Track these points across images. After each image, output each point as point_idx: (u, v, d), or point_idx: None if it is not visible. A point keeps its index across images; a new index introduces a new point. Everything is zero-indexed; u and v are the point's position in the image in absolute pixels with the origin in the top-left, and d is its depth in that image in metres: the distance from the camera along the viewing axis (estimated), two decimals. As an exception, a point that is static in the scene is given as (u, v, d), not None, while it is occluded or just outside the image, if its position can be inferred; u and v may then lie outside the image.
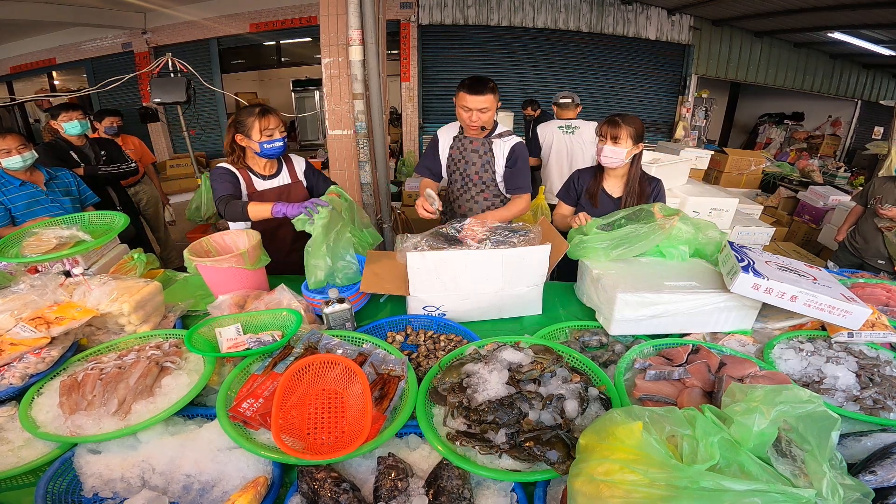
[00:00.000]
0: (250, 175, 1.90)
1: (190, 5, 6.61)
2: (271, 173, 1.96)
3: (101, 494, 0.90)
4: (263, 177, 1.93)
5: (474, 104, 1.90)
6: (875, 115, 7.67)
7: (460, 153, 2.12)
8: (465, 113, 1.94)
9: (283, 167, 2.00)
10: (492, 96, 1.90)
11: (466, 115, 1.94)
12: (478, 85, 1.88)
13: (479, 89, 1.88)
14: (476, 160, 2.09)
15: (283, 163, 2.01)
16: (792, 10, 5.68)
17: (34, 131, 8.14)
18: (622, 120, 1.83)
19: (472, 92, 1.89)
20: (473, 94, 1.88)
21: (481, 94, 1.88)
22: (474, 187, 2.15)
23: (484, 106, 1.90)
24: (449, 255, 1.42)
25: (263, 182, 1.93)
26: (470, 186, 2.16)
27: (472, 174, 2.12)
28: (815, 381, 1.20)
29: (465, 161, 2.12)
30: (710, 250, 1.63)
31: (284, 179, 1.99)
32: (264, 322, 1.36)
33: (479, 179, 2.12)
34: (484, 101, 1.89)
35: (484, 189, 2.15)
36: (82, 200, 2.41)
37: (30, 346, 1.13)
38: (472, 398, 1.01)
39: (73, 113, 2.83)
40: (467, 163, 2.11)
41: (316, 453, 0.90)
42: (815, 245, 4.72)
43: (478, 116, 1.93)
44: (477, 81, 1.89)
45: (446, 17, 6.59)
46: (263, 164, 1.93)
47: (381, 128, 3.18)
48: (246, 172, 1.90)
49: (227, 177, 1.85)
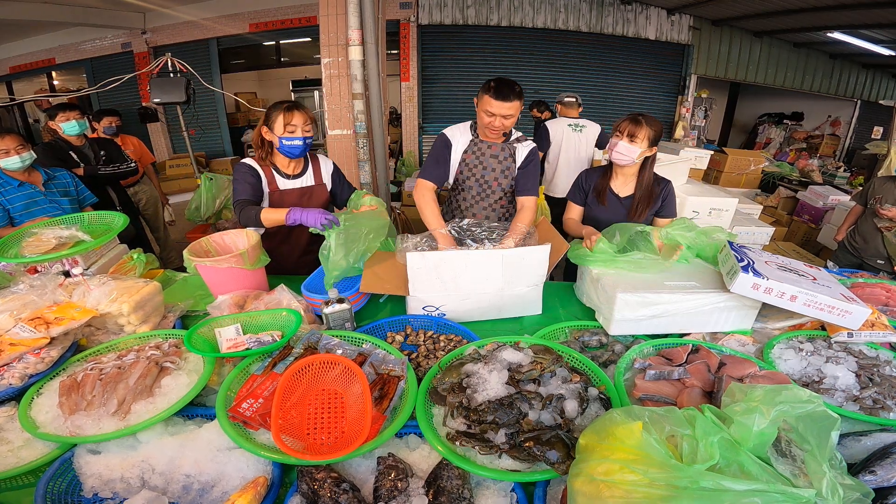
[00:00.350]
0: (274, 173, 1.87)
1: (190, 5, 6.61)
2: (296, 173, 1.91)
3: (100, 495, 0.90)
4: (287, 176, 1.89)
5: (499, 110, 1.76)
6: (874, 114, 7.68)
7: (477, 158, 1.97)
8: (488, 118, 1.80)
9: (308, 168, 1.95)
10: (518, 102, 1.78)
11: (489, 121, 1.81)
12: (505, 90, 1.74)
13: (507, 94, 1.74)
14: (496, 166, 1.96)
15: (310, 163, 1.96)
16: (792, 10, 5.68)
17: (34, 131, 8.14)
18: (644, 119, 1.78)
19: (498, 97, 1.74)
20: (500, 99, 1.74)
21: (508, 101, 1.75)
22: (493, 194, 2.03)
23: (510, 113, 1.78)
24: (449, 255, 1.43)
25: (287, 181, 1.89)
26: (488, 194, 2.03)
27: (491, 181, 1.99)
28: (815, 380, 1.20)
29: (482, 167, 1.97)
30: (710, 252, 1.62)
31: (308, 181, 1.94)
32: (264, 322, 1.36)
33: (499, 186, 2.00)
34: (510, 107, 1.76)
35: (502, 196, 2.04)
36: (80, 201, 2.40)
37: (29, 347, 1.13)
38: (471, 398, 1.01)
39: (71, 113, 2.82)
40: (485, 168, 1.97)
41: (316, 453, 0.90)
42: (815, 245, 4.72)
43: (501, 122, 1.80)
44: (504, 86, 1.74)
45: (446, 17, 6.59)
46: (288, 163, 1.89)
47: (380, 128, 3.18)
48: (270, 170, 1.86)
49: (249, 176, 1.81)
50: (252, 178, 1.82)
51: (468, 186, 2.04)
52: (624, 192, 1.97)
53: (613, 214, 1.96)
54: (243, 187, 1.79)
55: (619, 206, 1.96)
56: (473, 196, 2.05)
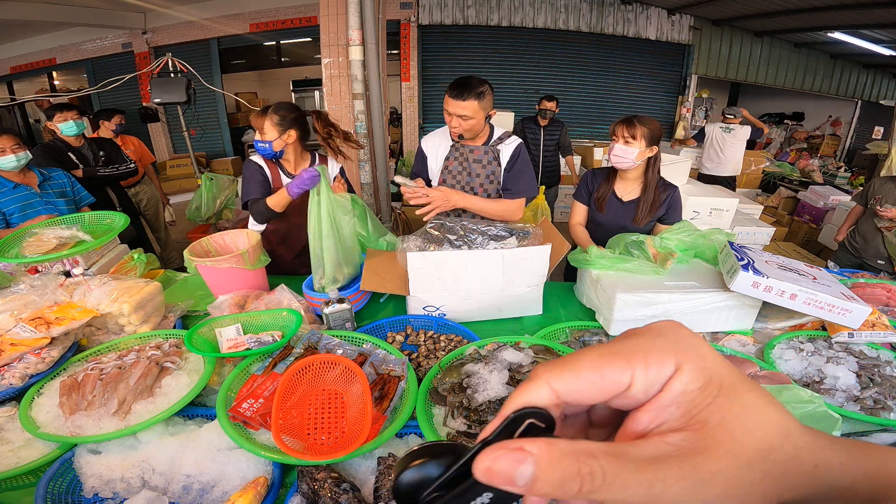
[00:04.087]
0: (280, 172, 1.94)
1: (190, 5, 6.61)
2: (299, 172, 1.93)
3: (101, 495, 0.90)
4: (292, 175, 1.94)
5: (455, 109, 1.69)
6: (875, 114, 7.69)
7: (460, 164, 1.89)
8: (447, 117, 1.75)
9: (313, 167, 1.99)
10: (475, 103, 1.67)
11: (447, 119, 1.76)
12: (461, 88, 1.67)
13: (462, 93, 1.66)
14: (480, 171, 1.88)
15: (317, 163, 1.99)
16: (792, 10, 5.68)
17: (34, 131, 8.16)
18: (637, 120, 1.77)
19: (453, 95, 1.68)
20: (455, 98, 1.68)
21: (462, 100, 1.67)
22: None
23: (464, 113, 1.69)
24: (449, 256, 1.42)
25: (290, 180, 1.92)
26: None
27: (477, 186, 1.90)
28: (816, 381, 1.20)
29: (467, 173, 1.89)
30: (710, 252, 1.62)
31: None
32: (264, 322, 1.36)
33: (484, 192, 1.91)
34: (465, 107, 1.67)
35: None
36: (77, 201, 2.38)
37: (30, 347, 1.13)
38: (472, 398, 1.01)
39: (68, 113, 2.80)
40: (470, 174, 1.89)
41: (316, 453, 0.90)
42: (816, 245, 4.72)
43: (458, 123, 1.72)
44: (462, 84, 1.68)
45: (446, 17, 6.59)
46: (293, 163, 1.95)
47: (381, 128, 3.18)
48: (276, 168, 1.93)
49: (257, 174, 1.90)
50: (260, 176, 1.90)
51: None
52: (627, 196, 1.94)
53: (617, 218, 1.95)
54: (254, 187, 1.87)
55: (622, 211, 1.94)
56: None
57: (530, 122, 4.27)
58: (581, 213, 2.05)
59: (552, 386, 0.25)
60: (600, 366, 0.25)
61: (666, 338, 0.26)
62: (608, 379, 0.25)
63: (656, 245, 1.56)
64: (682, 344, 0.26)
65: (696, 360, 0.25)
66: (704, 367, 0.25)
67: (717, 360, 0.26)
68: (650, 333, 0.27)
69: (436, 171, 1.95)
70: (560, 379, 0.25)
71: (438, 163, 1.94)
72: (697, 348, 0.26)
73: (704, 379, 0.24)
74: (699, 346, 0.26)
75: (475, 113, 1.70)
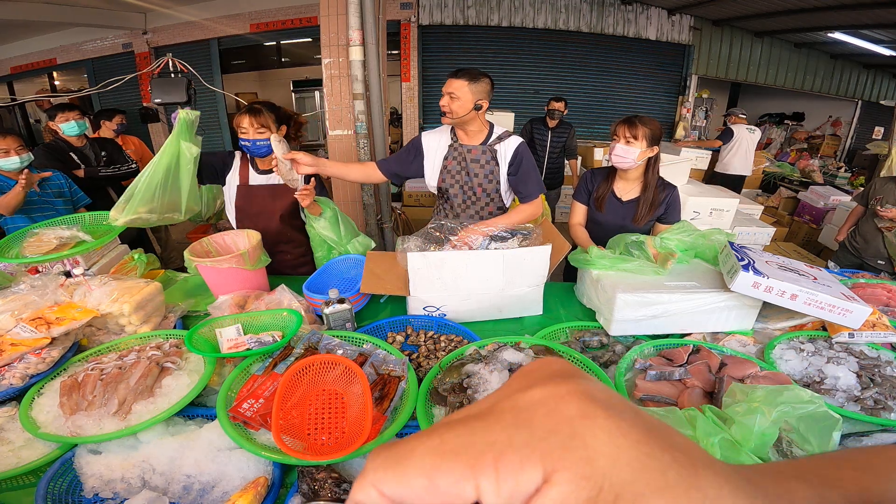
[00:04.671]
0: (249, 168, 1.93)
1: (190, 6, 6.61)
2: (268, 168, 1.93)
3: (101, 495, 0.90)
4: (260, 171, 1.94)
5: (446, 87, 1.80)
6: (875, 115, 7.68)
7: (459, 164, 1.92)
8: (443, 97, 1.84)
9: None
10: (465, 83, 1.76)
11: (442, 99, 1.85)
12: (459, 70, 1.80)
13: (456, 72, 1.79)
14: (478, 171, 1.91)
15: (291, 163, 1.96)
16: (792, 10, 5.68)
17: (35, 132, 8.16)
18: (639, 120, 1.78)
19: (449, 75, 1.81)
20: (450, 76, 1.81)
21: (454, 77, 1.78)
22: (479, 201, 1.97)
23: (452, 90, 1.77)
24: (450, 256, 1.42)
25: (258, 176, 1.94)
26: (474, 201, 1.97)
27: (476, 186, 1.93)
28: (816, 381, 1.20)
29: (465, 173, 1.92)
30: (710, 253, 1.62)
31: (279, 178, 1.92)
32: (265, 322, 1.36)
33: (483, 192, 1.94)
34: (456, 86, 1.76)
35: (489, 202, 1.98)
36: (74, 202, 2.40)
37: (30, 347, 1.13)
38: (472, 399, 1.01)
39: (70, 113, 2.81)
40: (469, 174, 1.92)
41: (316, 454, 0.90)
42: (816, 245, 4.72)
43: (447, 101, 1.80)
44: (461, 68, 1.81)
45: (446, 17, 6.59)
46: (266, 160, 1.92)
47: (381, 128, 3.18)
48: (247, 164, 1.93)
49: (222, 153, 1.94)
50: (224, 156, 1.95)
51: (453, 195, 1.99)
52: (627, 196, 1.95)
53: (616, 218, 1.95)
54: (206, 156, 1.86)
55: (622, 211, 1.95)
56: (459, 204, 2.01)
57: (539, 122, 4.26)
58: (581, 213, 2.05)
59: (379, 489, 0.19)
60: (432, 471, 0.18)
61: (532, 426, 0.19)
62: (443, 490, 0.18)
63: (656, 245, 1.56)
64: (558, 437, 0.18)
65: (575, 464, 0.17)
66: (590, 473, 0.17)
67: (615, 455, 0.17)
68: (511, 412, 0.20)
69: (434, 170, 1.97)
70: (385, 483, 0.19)
71: (437, 162, 1.95)
72: (581, 440, 0.18)
73: (589, 491, 0.17)
74: (584, 436, 0.18)
75: (463, 94, 1.76)
